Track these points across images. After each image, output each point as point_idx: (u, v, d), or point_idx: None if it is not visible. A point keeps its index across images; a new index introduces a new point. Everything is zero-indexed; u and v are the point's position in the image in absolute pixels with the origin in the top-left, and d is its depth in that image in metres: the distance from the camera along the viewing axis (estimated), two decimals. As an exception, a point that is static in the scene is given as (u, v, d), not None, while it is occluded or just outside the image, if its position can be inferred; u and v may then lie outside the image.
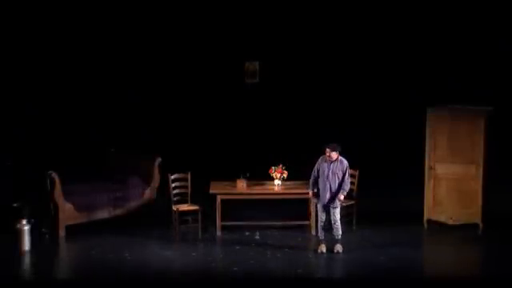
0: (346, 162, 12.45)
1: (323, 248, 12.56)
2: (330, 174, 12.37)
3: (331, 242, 12.57)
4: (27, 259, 12.39)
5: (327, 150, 12.39)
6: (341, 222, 12.54)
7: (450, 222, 13.66)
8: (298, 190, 13.42)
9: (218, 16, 16.85)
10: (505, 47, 16.59)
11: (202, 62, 17.07)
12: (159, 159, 14.55)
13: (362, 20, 16.90)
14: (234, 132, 17.10)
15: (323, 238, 12.60)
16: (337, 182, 12.38)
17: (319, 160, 12.54)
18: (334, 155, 12.41)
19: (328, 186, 12.40)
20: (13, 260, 12.25)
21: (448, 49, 16.84)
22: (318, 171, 12.47)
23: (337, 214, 12.47)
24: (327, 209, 12.49)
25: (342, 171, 12.39)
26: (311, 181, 12.60)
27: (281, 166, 13.50)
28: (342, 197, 12.44)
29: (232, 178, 13.67)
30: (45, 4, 16.37)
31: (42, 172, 13.51)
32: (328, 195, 12.42)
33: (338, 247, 12.53)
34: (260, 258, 12.30)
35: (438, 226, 13.72)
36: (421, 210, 13.88)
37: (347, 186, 12.46)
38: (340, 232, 12.52)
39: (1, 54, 16.25)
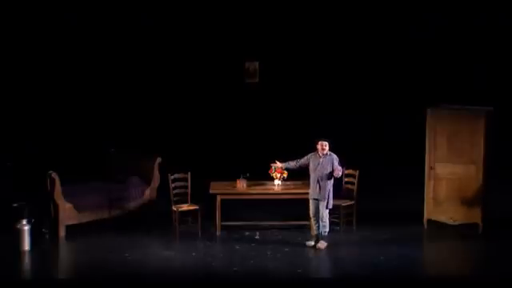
0: (334, 155, 12.52)
1: (310, 242, 12.69)
2: (319, 167, 12.46)
3: (317, 237, 12.68)
4: (27, 259, 12.39)
5: (324, 143, 12.47)
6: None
7: (450, 222, 13.65)
8: (298, 189, 13.40)
9: (218, 16, 16.86)
10: (505, 47, 16.60)
11: (202, 62, 17.08)
12: (159, 159, 14.54)
13: (362, 20, 16.91)
14: (234, 132, 17.10)
15: (314, 232, 12.72)
16: (324, 174, 12.42)
17: (310, 155, 12.64)
18: (327, 148, 12.49)
19: (316, 178, 12.50)
20: (13, 260, 12.25)
21: (448, 48, 16.84)
22: (307, 165, 12.57)
23: (325, 210, 12.52)
24: (316, 203, 12.57)
25: (331, 162, 12.46)
26: (292, 162, 12.81)
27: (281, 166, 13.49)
28: (338, 172, 12.45)
29: (232, 178, 13.66)
30: (45, 4, 16.39)
31: (42, 172, 13.51)
32: (316, 188, 12.52)
33: (321, 244, 12.58)
34: (260, 258, 12.29)
35: (438, 226, 13.71)
36: (421, 210, 13.87)
37: (340, 168, 12.46)
38: (327, 229, 12.59)
39: (1, 54, 16.25)
